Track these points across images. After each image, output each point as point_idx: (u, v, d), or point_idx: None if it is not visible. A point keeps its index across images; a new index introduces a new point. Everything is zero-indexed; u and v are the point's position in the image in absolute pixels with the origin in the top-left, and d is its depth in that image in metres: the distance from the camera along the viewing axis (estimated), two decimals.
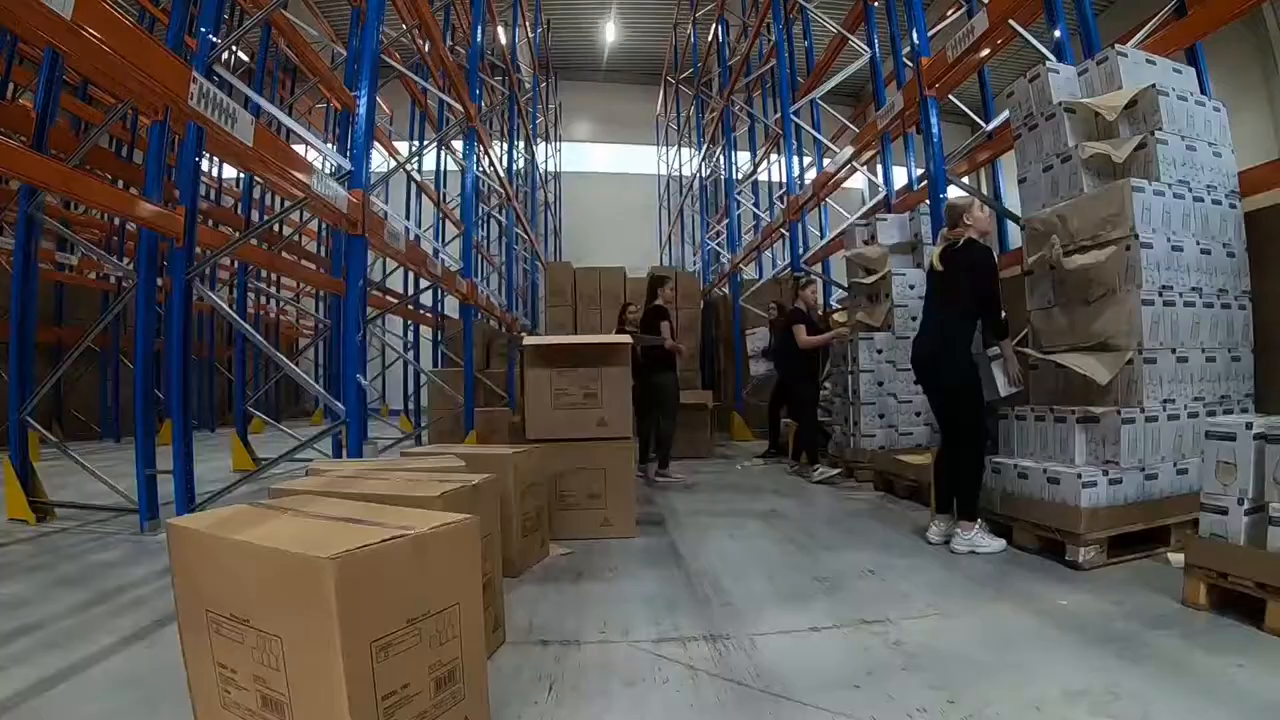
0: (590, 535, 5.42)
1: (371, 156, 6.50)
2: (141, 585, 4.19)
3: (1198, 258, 4.66)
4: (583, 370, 5.60)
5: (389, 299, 15.92)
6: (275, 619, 1.93)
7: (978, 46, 5.98)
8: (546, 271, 15.24)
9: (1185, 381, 4.61)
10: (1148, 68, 5.08)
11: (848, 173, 11.11)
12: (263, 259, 10.06)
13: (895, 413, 7.91)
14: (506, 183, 14.75)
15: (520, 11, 17.13)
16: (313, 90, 13.61)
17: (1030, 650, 3.02)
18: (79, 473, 6.51)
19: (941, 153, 6.14)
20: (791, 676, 2.83)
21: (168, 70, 4.08)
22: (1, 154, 4.53)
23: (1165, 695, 2.55)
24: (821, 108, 13.55)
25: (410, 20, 10.09)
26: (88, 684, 2.82)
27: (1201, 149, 4.83)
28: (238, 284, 10.38)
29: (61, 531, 5.64)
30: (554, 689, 2.77)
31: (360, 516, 2.30)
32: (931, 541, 4.93)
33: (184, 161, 6.43)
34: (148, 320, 5.99)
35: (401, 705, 1.95)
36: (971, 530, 4.69)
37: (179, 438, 5.63)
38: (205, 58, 5.68)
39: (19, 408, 5.89)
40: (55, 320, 13.42)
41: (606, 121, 30.46)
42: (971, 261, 4.80)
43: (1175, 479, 4.55)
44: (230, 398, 15.82)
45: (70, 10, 3.22)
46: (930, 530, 5.03)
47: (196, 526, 2.19)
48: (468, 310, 10.28)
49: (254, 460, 8.99)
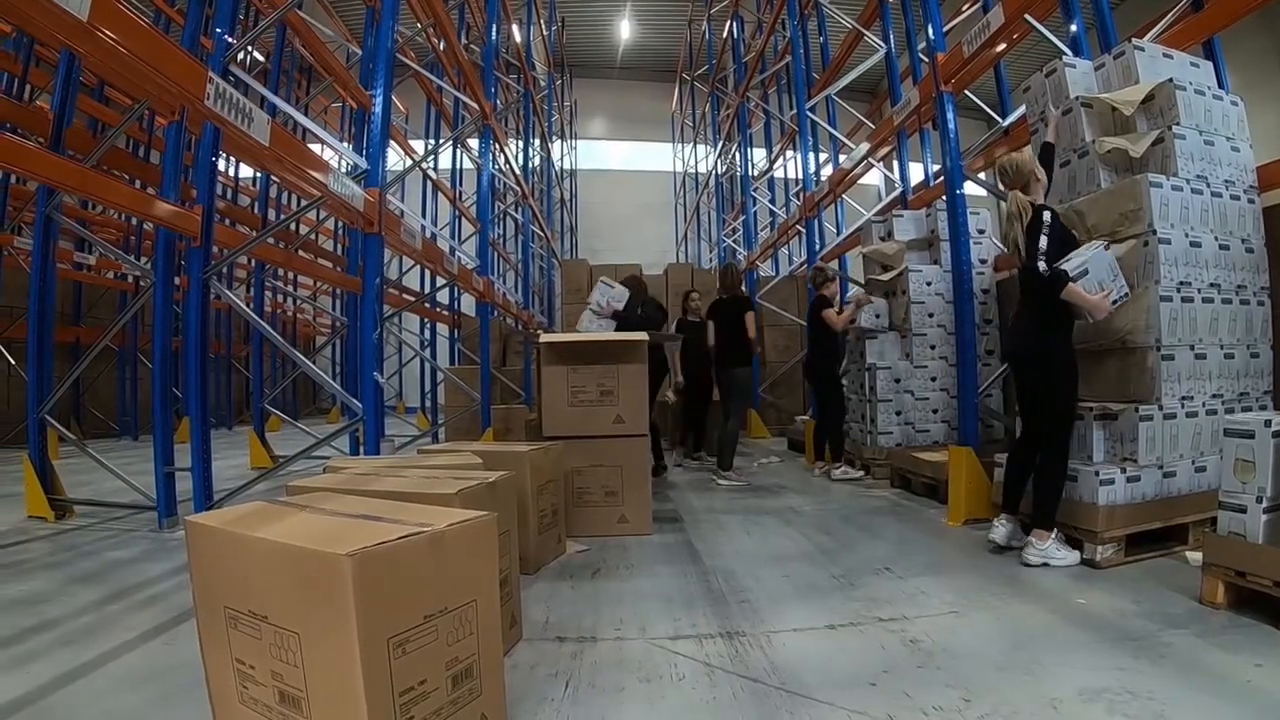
0: (607, 532, 5.43)
1: (387, 155, 6.52)
2: (160, 582, 4.22)
3: (1216, 253, 4.63)
4: (599, 367, 5.59)
5: (406, 297, 15.95)
6: (293, 615, 1.94)
7: (994, 41, 5.93)
8: (563, 269, 15.24)
9: (1204, 378, 4.58)
10: (1165, 62, 5.04)
11: (864, 169, 11.05)
12: (280, 258, 10.10)
13: (912, 410, 7.88)
14: (522, 180, 14.75)
15: (535, 9, 17.12)
16: (328, 89, 13.62)
17: (1047, 649, 3.00)
18: (97, 470, 6.56)
19: (958, 148, 6.09)
20: (808, 674, 2.83)
21: (184, 71, 4.10)
22: (20, 155, 4.57)
23: (1182, 695, 2.54)
24: (837, 104, 13.50)
25: (425, 19, 10.11)
26: (106, 680, 2.84)
27: (1219, 143, 4.80)
28: (255, 282, 10.42)
29: (80, 529, 5.68)
30: (570, 685, 2.77)
31: (377, 514, 2.31)
32: (997, 543, 4.59)
33: (201, 161, 6.46)
34: (165, 319, 6.03)
35: (418, 701, 1.96)
36: (1046, 541, 4.29)
37: (197, 435, 5.67)
38: (221, 58, 5.71)
39: (38, 406, 5.94)
40: (74, 319, 13.54)
41: (622, 119, 30.44)
42: (1063, 237, 4.41)
43: (1193, 477, 4.52)
44: (248, 396, 15.89)
45: (86, 12, 3.24)
46: (994, 531, 4.64)
47: (215, 523, 2.20)
48: (484, 308, 10.30)
49: (271, 458, 9.05)
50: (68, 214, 8.06)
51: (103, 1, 3.32)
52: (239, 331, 18.31)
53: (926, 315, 7.77)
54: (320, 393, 22.80)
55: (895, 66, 10.95)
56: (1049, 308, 4.30)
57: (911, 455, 6.99)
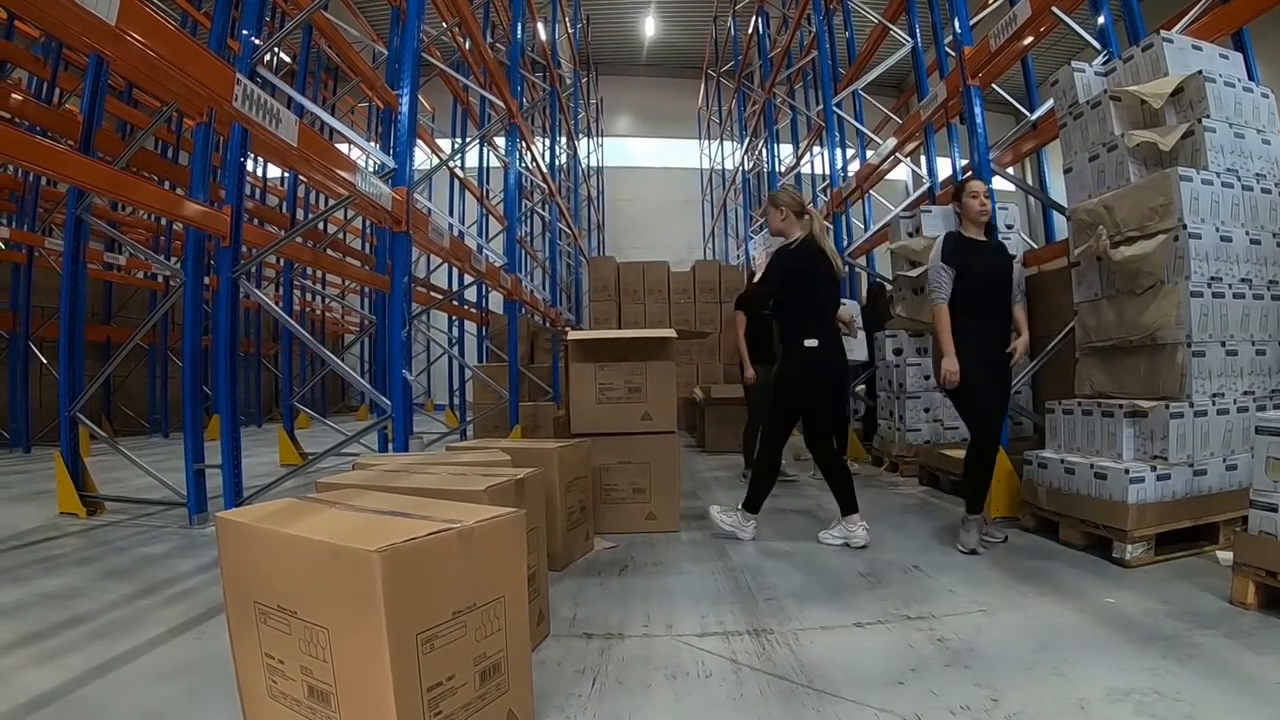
0: (635, 529, 5.43)
1: (414, 154, 6.54)
2: (190, 577, 4.27)
3: (1247, 248, 4.55)
4: (627, 364, 5.59)
5: (434, 295, 16.02)
6: (322, 610, 1.96)
7: (1021, 34, 5.89)
8: (590, 266, 15.27)
9: (1235, 375, 4.51)
10: (1194, 53, 4.98)
11: (891, 164, 10.99)
12: (308, 256, 10.17)
13: (941, 407, 7.84)
14: (549, 178, 14.75)
15: (560, 7, 17.13)
16: (355, 89, 13.70)
17: (1075, 648, 2.98)
18: (128, 467, 6.63)
19: (986, 143, 6.06)
20: (835, 672, 2.82)
21: (212, 73, 4.13)
22: (51, 158, 4.63)
23: (1211, 696, 2.51)
24: (864, 99, 13.45)
25: (450, 18, 10.12)
26: (137, 673, 2.88)
27: (1250, 136, 4.72)
28: (284, 281, 10.51)
29: (111, 525, 5.75)
30: (597, 682, 2.78)
31: (406, 510, 2.33)
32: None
33: (229, 162, 6.52)
34: (195, 318, 6.08)
35: (446, 696, 1.98)
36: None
37: (227, 433, 5.73)
38: (248, 60, 5.74)
39: (69, 404, 6.01)
40: (104, 319, 13.68)
41: (648, 116, 30.38)
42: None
43: (1224, 475, 4.47)
44: (277, 393, 16.06)
45: (114, 16, 3.27)
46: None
47: (245, 520, 2.23)
48: (512, 305, 10.32)
49: (301, 455, 9.12)
50: (98, 215, 8.17)
51: (130, 5, 3.35)
52: (268, 330, 18.45)
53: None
54: (349, 390, 22.96)
55: (922, 61, 10.88)
56: None
57: (940, 453, 6.94)
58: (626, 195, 29.40)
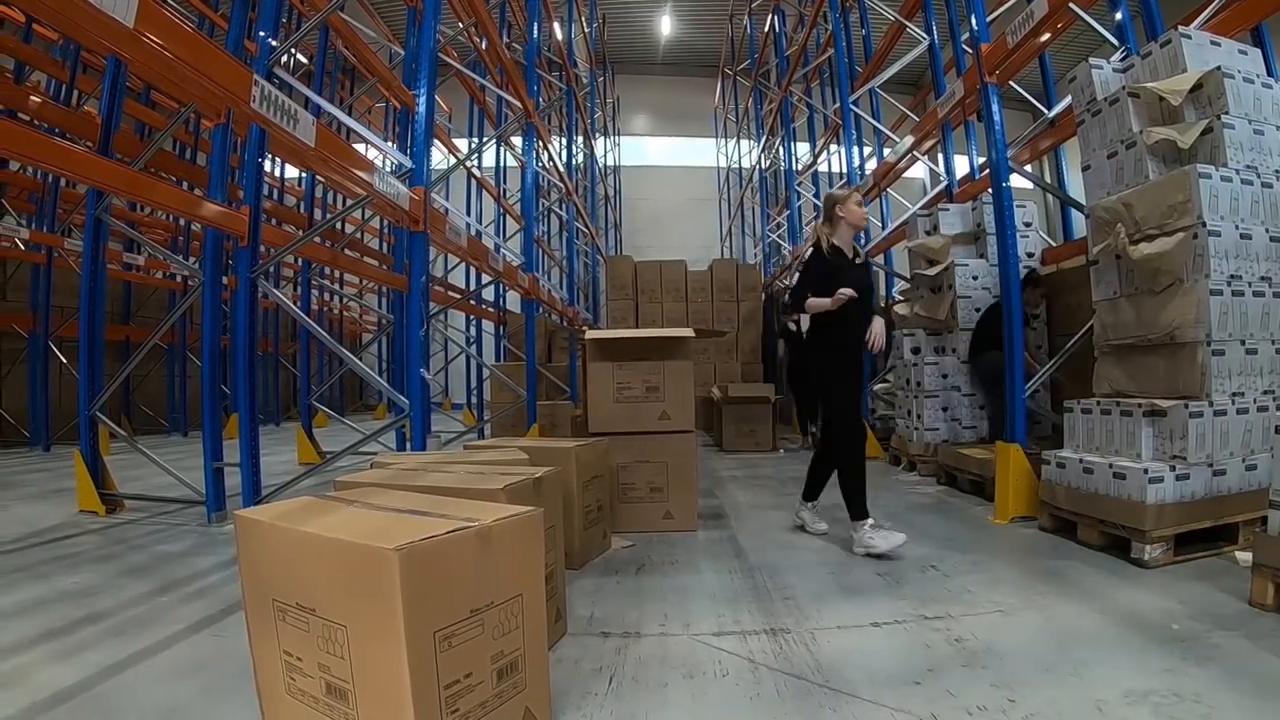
0: (652, 528, 5.43)
1: (431, 154, 6.56)
2: (208, 575, 4.29)
3: (1267, 245, 4.51)
4: (645, 364, 5.59)
5: (451, 294, 16.09)
6: (340, 608, 1.97)
7: (1038, 31, 5.84)
8: (607, 265, 15.27)
9: (1255, 374, 4.48)
10: (1212, 49, 4.94)
11: (908, 162, 10.96)
12: (326, 256, 10.21)
13: (959, 406, 7.82)
14: (566, 177, 14.76)
15: (576, 7, 17.12)
16: (372, 90, 13.75)
17: (1093, 649, 2.97)
18: (147, 466, 6.68)
19: (1003, 140, 6.01)
20: (852, 672, 2.81)
21: (229, 74, 4.16)
22: (70, 160, 4.67)
23: (1229, 698, 2.49)
24: (880, 97, 13.39)
25: (466, 18, 10.14)
26: (155, 670, 2.90)
27: (1270, 132, 4.67)
28: (302, 281, 10.55)
29: (130, 523, 5.79)
30: (614, 680, 2.79)
31: (424, 509, 2.34)
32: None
33: (247, 162, 6.55)
34: (214, 317, 6.13)
35: (463, 694, 1.99)
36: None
37: (245, 432, 5.76)
38: (265, 61, 5.77)
39: (89, 403, 6.07)
40: (124, 319, 13.80)
41: (665, 114, 30.34)
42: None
43: (1244, 475, 4.43)
44: (295, 392, 16.13)
45: (132, 19, 3.29)
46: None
47: (263, 518, 2.24)
48: (529, 304, 10.33)
49: (319, 453, 9.16)
50: (117, 216, 8.22)
51: (148, 8, 3.37)
52: (286, 329, 18.56)
53: (973, 310, 7.66)
54: (367, 389, 23.06)
55: (939, 58, 10.85)
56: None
57: (957, 452, 6.91)
58: (643, 194, 29.39)
